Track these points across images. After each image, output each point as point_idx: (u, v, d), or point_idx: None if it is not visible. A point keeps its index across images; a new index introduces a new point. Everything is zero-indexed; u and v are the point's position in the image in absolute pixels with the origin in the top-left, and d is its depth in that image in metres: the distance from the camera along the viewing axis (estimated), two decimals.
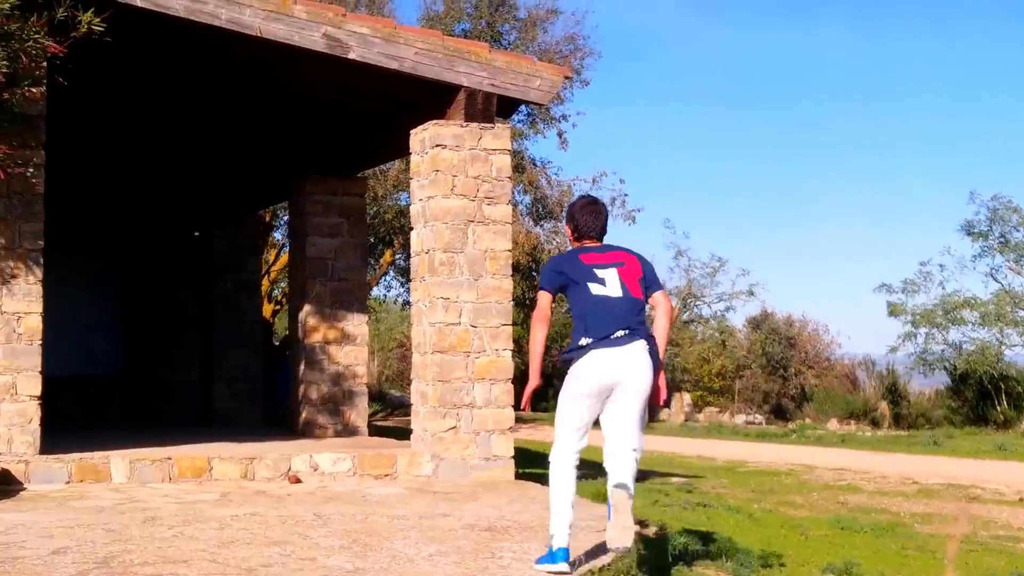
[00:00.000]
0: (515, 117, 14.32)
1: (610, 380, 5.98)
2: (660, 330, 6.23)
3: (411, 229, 10.68)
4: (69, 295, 16.05)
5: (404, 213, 23.19)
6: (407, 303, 25.93)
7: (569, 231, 6.45)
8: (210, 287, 16.62)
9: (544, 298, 6.23)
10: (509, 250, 10.24)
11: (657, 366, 6.07)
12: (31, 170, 9.02)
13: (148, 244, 18.15)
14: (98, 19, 8.17)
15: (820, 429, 26.54)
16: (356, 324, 13.14)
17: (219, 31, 9.32)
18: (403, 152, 11.23)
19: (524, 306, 24.05)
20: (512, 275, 10.47)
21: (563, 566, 5.82)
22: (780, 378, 32.99)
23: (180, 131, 13.35)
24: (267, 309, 24.43)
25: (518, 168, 23.46)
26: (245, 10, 9.31)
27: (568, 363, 6.11)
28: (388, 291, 28.95)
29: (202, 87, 11.49)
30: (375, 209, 23.07)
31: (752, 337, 34.36)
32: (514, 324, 10.60)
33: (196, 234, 17.55)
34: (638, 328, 6.06)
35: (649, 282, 6.24)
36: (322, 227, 12.96)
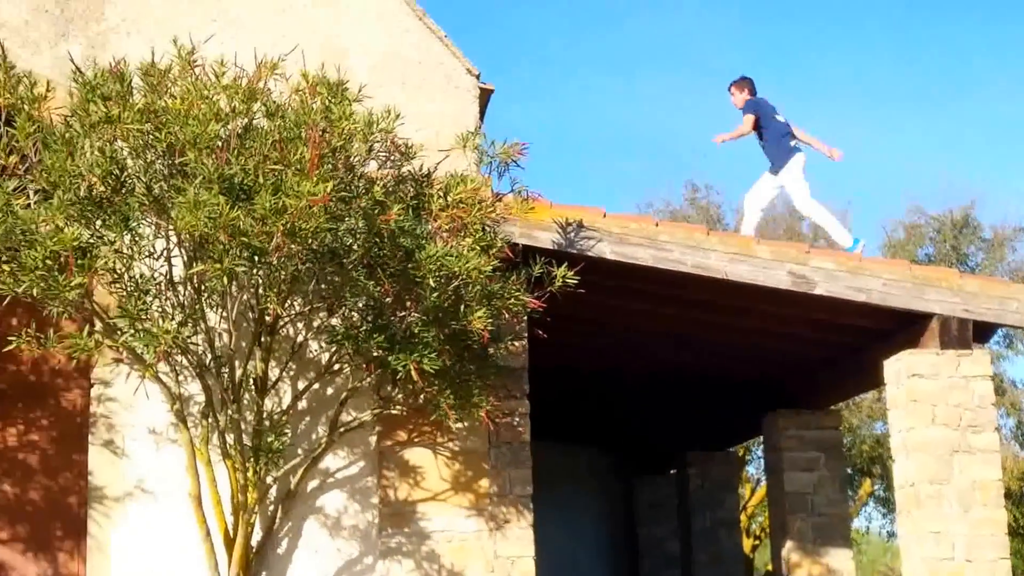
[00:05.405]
0: (991, 339, 13.80)
1: None
2: None
3: (889, 459, 10.38)
4: (554, 535, 16.57)
5: (880, 442, 22.62)
6: (891, 534, 25.06)
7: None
8: (688, 524, 16.68)
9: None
10: (999, 479, 9.76)
11: None
12: (517, 419, 9.39)
13: (626, 484, 18.54)
14: (571, 272, 8.47)
15: None
16: (840, 559, 12.78)
17: (683, 275, 9.58)
18: (876, 382, 11.02)
19: (1019, 535, 22.69)
20: (1003, 504, 9.94)
21: None
22: None
23: (647, 369, 13.67)
24: (746, 544, 24.23)
25: (998, 391, 22.46)
26: (710, 255, 9.52)
27: None
28: (869, 522, 28.03)
29: (664, 327, 11.77)
30: (850, 439, 22.63)
31: None
32: (1012, 555, 10.00)
33: (672, 472, 17.75)
34: None
35: None
36: (798, 461, 12.78)
